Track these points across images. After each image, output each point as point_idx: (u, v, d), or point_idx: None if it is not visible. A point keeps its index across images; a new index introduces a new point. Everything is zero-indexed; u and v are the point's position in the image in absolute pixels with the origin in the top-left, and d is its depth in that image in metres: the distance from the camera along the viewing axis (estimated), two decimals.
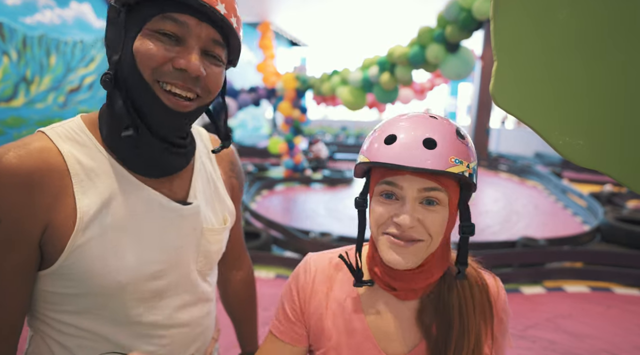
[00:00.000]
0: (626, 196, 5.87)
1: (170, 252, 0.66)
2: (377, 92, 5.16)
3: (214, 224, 0.74)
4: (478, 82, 10.30)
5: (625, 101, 0.52)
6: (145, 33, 0.56)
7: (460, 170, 0.56)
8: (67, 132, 0.60)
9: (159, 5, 0.56)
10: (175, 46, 0.57)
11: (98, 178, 0.60)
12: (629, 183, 0.55)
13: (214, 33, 0.60)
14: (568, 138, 0.55)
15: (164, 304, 0.67)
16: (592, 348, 2.47)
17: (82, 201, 0.58)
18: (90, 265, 0.58)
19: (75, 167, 0.58)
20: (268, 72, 8.15)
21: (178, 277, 0.68)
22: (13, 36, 4.59)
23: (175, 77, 0.57)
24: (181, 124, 0.63)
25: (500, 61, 0.56)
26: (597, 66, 0.52)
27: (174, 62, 0.57)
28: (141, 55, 0.56)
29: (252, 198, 5.87)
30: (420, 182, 0.56)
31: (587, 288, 3.31)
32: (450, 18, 3.87)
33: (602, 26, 0.51)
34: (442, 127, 0.58)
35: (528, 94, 0.56)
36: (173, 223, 0.67)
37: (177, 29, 0.56)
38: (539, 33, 0.54)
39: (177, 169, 0.67)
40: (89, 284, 0.59)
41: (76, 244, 0.57)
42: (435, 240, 0.59)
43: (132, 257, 0.62)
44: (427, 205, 0.58)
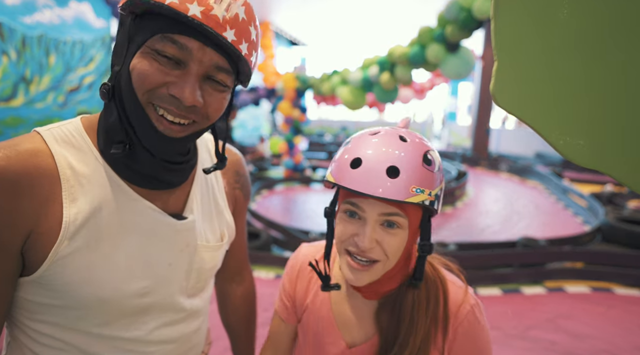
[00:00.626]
0: (627, 196, 5.86)
1: (160, 269, 0.63)
2: (377, 92, 5.16)
3: (210, 241, 0.70)
4: (478, 81, 10.30)
5: (625, 101, 0.52)
6: (145, 51, 0.53)
7: (420, 199, 0.59)
8: (64, 134, 0.57)
9: (162, 23, 0.52)
10: (174, 69, 0.53)
11: (90, 185, 0.56)
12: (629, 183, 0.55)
13: (218, 58, 0.55)
14: (568, 138, 0.55)
15: (147, 320, 0.63)
16: (593, 348, 2.46)
17: (70, 209, 0.54)
18: (72, 277, 0.55)
19: (66, 171, 0.55)
20: (268, 72, 8.16)
21: (165, 296, 0.64)
22: (12, 36, 4.59)
23: (169, 102, 0.54)
24: (173, 148, 0.59)
25: (500, 61, 0.55)
26: (597, 66, 0.52)
27: (169, 88, 0.53)
28: (137, 75, 0.53)
29: (252, 198, 5.87)
30: (382, 207, 0.60)
31: (588, 288, 3.30)
32: (450, 18, 3.87)
33: (602, 26, 0.51)
34: (409, 153, 0.60)
35: (528, 93, 0.56)
36: (165, 238, 0.63)
37: (177, 52, 0.52)
38: (539, 33, 0.53)
39: (175, 184, 0.64)
40: (70, 296, 0.56)
41: (59, 254, 0.54)
42: (392, 260, 0.63)
43: (118, 272, 0.58)
44: (387, 228, 0.61)
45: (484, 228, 4.95)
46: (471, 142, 10.58)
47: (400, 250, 0.63)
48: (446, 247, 3.51)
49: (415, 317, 0.65)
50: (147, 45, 0.53)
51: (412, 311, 0.66)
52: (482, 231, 4.82)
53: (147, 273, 0.61)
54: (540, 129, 0.57)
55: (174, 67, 0.53)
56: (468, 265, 3.40)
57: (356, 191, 0.58)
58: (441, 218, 5.41)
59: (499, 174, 8.77)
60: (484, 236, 4.59)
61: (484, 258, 3.43)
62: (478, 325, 0.67)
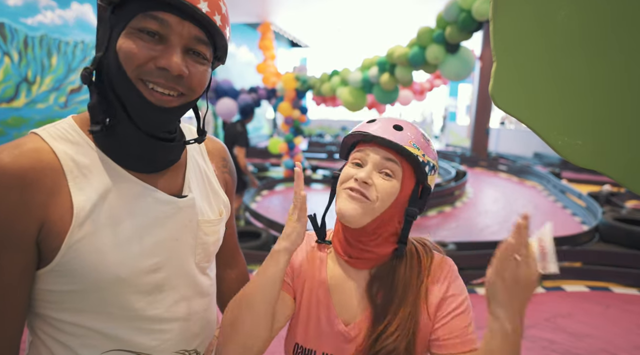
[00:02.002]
0: (625, 196, 5.88)
1: (167, 244, 0.67)
2: (376, 93, 5.16)
3: (210, 216, 0.75)
4: (477, 82, 10.31)
5: (626, 101, 0.53)
6: (129, 32, 0.57)
7: (416, 153, 0.71)
8: (59, 131, 0.61)
9: (142, 4, 0.57)
10: (157, 44, 0.58)
11: (92, 174, 0.60)
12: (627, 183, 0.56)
13: (196, 31, 0.60)
14: (567, 138, 0.56)
15: (163, 297, 0.67)
16: (591, 347, 2.48)
17: (78, 197, 0.58)
18: (88, 260, 0.58)
19: (69, 164, 0.59)
20: (268, 72, 8.16)
21: (176, 270, 0.69)
22: (14, 37, 4.60)
23: (157, 75, 0.58)
24: (166, 119, 0.64)
25: (499, 62, 0.57)
26: (599, 66, 0.53)
27: (156, 62, 0.57)
28: (124, 54, 0.57)
29: (252, 198, 5.88)
30: (384, 153, 0.71)
31: (586, 288, 3.32)
32: (449, 19, 3.88)
33: (604, 26, 0.52)
34: (410, 126, 0.75)
35: (527, 94, 0.57)
36: (169, 216, 0.67)
37: (159, 27, 0.57)
38: (538, 34, 0.55)
39: (169, 163, 0.69)
40: (88, 279, 0.59)
41: (73, 239, 0.57)
42: (380, 204, 0.70)
43: (129, 250, 0.62)
44: (383, 175, 0.71)
45: (483, 228, 4.96)
46: (470, 142, 10.59)
47: (389, 199, 0.71)
48: (445, 247, 3.52)
49: (407, 288, 0.72)
50: (130, 26, 0.57)
51: (404, 283, 0.72)
52: (481, 231, 4.84)
53: (156, 250, 0.65)
54: (539, 129, 0.58)
55: (157, 43, 0.58)
56: (467, 265, 3.41)
57: (370, 134, 0.71)
58: (441, 218, 5.43)
59: (497, 174, 8.79)
60: (483, 236, 4.61)
61: (483, 258, 3.44)
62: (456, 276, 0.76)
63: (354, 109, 5.64)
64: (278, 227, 4.13)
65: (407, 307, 0.70)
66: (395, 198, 0.71)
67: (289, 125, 7.40)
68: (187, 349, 0.72)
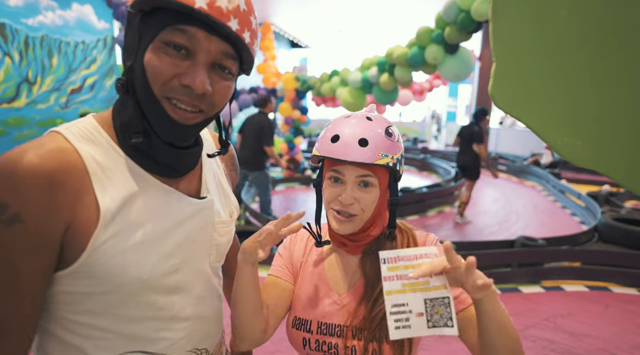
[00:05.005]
0: (624, 196, 5.89)
1: (185, 246, 0.68)
2: (376, 93, 5.17)
3: (223, 217, 0.77)
4: (477, 82, 10.32)
5: (625, 102, 0.53)
6: (156, 45, 0.57)
7: (386, 161, 0.75)
8: (82, 131, 0.60)
9: (171, 16, 0.56)
10: (183, 60, 0.57)
11: (115, 176, 0.60)
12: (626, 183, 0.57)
13: (224, 46, 0.59)
14: (566, 138, 0.56)
15: (180, 298, 0.68)
16: (591, 347, 2.48)
17: (104, 198, 0.58)
18: (112, 262, 0.58)
19: (93, 165, 0.58)
20: (268, 72, 8.16)
21: (193, 271, 0.70)
22: (15, 37, 4.60)
23: (182, 93, 0.58)
24: (187, 135, 0.64)
25: (498, 62, 0.57)
26: (598, 66, 0.53)
27: (180, 79, 0.57)
28: (151, 70, 0.57)
29: (252, 198, 5.88)
30: (357, 171, 0.76)
31: (586, 287, 3.33)
32: (449, 19, 3.89)
33: (603, 26, 0.52)
34: (374, 128, 0.77)
35: (527, 94, 0.57)
36: (189, 217, 0.68)
37: (186, 42, 0.56)
38: (537, 34, 0.55)
39: (189, 169, 0.69)
40: (111, 281, 0.59)
41: (99, 241, 0.57)
42: (367, 212, 0.78)
43: (152, 253, 0.62)
44: (363, 187, 0.77)
45: (482, 228, 4.97)
46: None
47: (373, 205, 0.78)
48: None
49: None
50: (158, 40, 0.56)
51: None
52: (481, 231, 4.84)
53: (176, 251, 0.66)
54: (539, 129, 0.59)
55: (183, 58, 0.57)
56: None
57: (337, 159, 0.75)
58: (441, 218, 5.43)
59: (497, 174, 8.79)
60: (483, 236, 4.61)
61: (483, 258, 3.45)
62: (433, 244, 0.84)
63: (353, 109, 5.64)
64: None
65: None
66: (378, 200, 0.79)
67: (289, 125, 7.40)
68: (198, 347, 0.73)
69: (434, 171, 8.60)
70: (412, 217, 5.36)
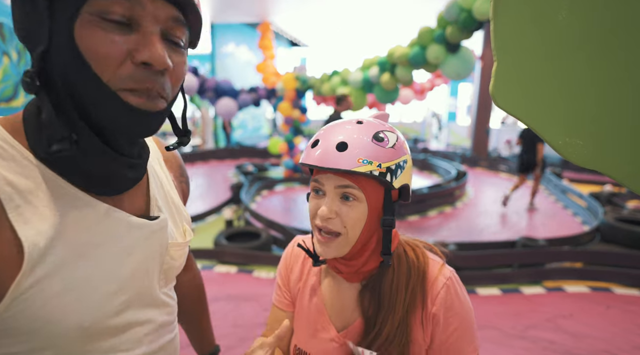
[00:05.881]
0: (626, 196, 5.87)
1: (137, 277, 0.56)
2: (377, 93, 5.17)
3: (177, 239, 0.65)
4: (478, 82, 10.31)
5: (627, 101, 0.52)
6: (87, 19, 0.43)
7: (368, 169, 0.63)
8: None
9: None
10: (129, 34, 0.45)
11: (39, 200, 0.46)
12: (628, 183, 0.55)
13: (172, 10, 0.48)
14: (568, 138, 0.55)
15: (128, 337, 0.56)
16: (592, 348, 2.47)
17: (26, 232, 0.44)
18: (42, 311, 0.45)
19: (5, 189, 0.44)
20: (268, 72, 8.16)
21: (144, 304, 0.58)
22: (13, 37, 4.59)
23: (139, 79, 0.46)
24: (152, 126, 0.50)
25: (500, 61, 0.56)
26: (600, 66, 0.52)
27: (133, 56, 0.45)
28: (92, 55, 0.43)
29: (252, 198, 5.88)
30: (337, 180, 0.65)
31: (587, 288, 3.31)
32: (450, 18, 3.88)
33: (605, 26, 0.51)
34: (361, 132, 0.66)
35: (528, 94, 0.56)
36: (140, 243, 0.56)
37: (127, 10, 0.44)
38: (539, 33, 0.54)
39: (135, 182, 0.55)
40: (39, 335, 0.46)
41: (22, 287, 0.44)
42: (352, 233, 0.67)
43: (97, 291, 0.50)
44: (345, 200, 0.66)
45: (483, 228, 4.96)
46: (471, 142, 10.59)
47: (359, 224, 0.67)
48: (446, 247, 3.52)
49: (394, 296, 0.69)
50: (87, 11, 0.43)
51: (390, 290, 0.70)
52: (482, 231, 4.84)
53: (126, 285, 0.54)
54: (539, 129, 0.58)
55: (128, 31, 0.45)
56: (468, 265, 3.41)
57: (313, 165, 0.65)
58: (441, 218, 5.42)
59: (498, 174, 8.78)
60: (484, 236, 4.60)
61: (484, 258, 3.44)
62: (455, 295, 0.70)
63: (354, 109, 5.64)
64: (278, 228, 4.13)
65: (397, 316, 0.68)
66: (367, 218, 0.67)
67: (289, 125, 7.40)
68: None
69: (434, 171, 8.60)
70: (413, 217, 5.36)
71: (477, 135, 10.24)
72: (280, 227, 4.09)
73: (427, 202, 5.66)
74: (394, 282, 0.70)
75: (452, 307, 0.69)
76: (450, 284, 0.70)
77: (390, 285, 0.70)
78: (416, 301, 0.70)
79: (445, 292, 0.69)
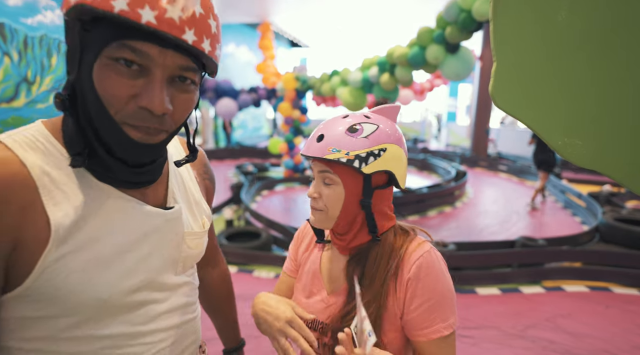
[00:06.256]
0: (625, 196, 5.88)
1: (152, 260, 0.63)
2: (376, 93, 5.17)
3: (194, 228, 0.72)
4: (477, 82, 10.31)
5: (626, 101, 0.53)
6: (104, 62, 0.50)
7: (336, 156, 0.73)
8: (29, 140, 0.53)
9: (116, 30, 0.49)
10: (137, 78, 0.51)
11: (69, 189, 0.54)
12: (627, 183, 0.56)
13: (182, 60, 0.53)
14: (567, 138, 0.56)
15: (144, 312, 0.63)
16: (591, 347, 2.48)
17: (55, 213, 0.52)
18: (66, 282, 0.53)
19: (42, 178, 0.52)
20: (268, 72, 8.17)
21: (160, 285, 0.65)
22: (14, 37, 4.60)
23: (140, 118, 0.52)
24: (152, 154, 0.58)
25: (499, 62, 0.57)
26: (599, 66, 0.53)
27: (137, 101, 0.51)
28: (103, 92, 0.51)
29: (252, 198, 5.88)
30: (319, 166, 0.77)
31: (586, 288, 3.32)
32: (449, 19, 3.89)
33: (604, 26, 0.52)
34: (337, 124, 0.77)
35: (527, 94, 0.57)
36: (155, 230, 0.63)
37: (136, 58, 0.50)
38: (539, 33, 0.54)
39: (151, 181, 0.63)
40: (64, 303, 0.54)
41: (49, 260, 0.52)
42: (331, 211, 0.78)
43: (113, 271, 0.57)
44: (326, 184, 0.78)
45: (483, 228, 4.96)
46: (470, 143, 10.59)
47: (337, 203, 0.77)
48: (446, 247, 3.52)
49: (377, 266, 0.79)
50: (105, 55, 0.50)
51: (374, 262, 0.79)
52: (481, 231, 4.84)
53: (140, 266, 0.61)
54: (539, 129, 0.58)
55: (137, 76, 0.51)
56: (467, 265, 3.42)
57: (302, 154, 0.79)
58: (441, 218, 5.43)
59: (497, 174, 8.79)
60: (483, 236, 4.60)
61: (483, 258, 3.44)
62: (431, 268, 0.76)
63: (353, 108, 5.64)
64: (278, 227, 4.14)
65: (376, 283, 0.77)
66: (344, 199, 0.77)
67: (289, 125, 7.40)
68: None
69: (434, 171, 8.60)
70: (413, 217, 5.36)
71: (476, 135, 10.25)
72: (281, 227, 4.09)
73: (426, 202, 5.66)
74: (378, 255, 0.79)
75: (425, 278, 0.75)
76: (427, 256, 0.77)
77: (375, 257, 0.79)
78: (393, 271, 0.78)
79: (420, 263, 0.76)
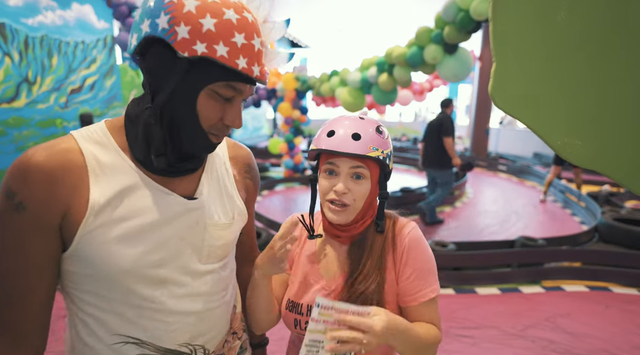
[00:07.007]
0: (624, 196, 5.89)
1: (172, 243, 0.73)
2: (375, 93, 5.16)
3: (219, 220, 0.80)
4: (477, 82, 10.32)
5: (625, 102, 0.53)
6: (208, 93, 0.66)
7: (376, 154, 0.83)
8: (91, 134, 0.70)
9: (224, 72, 0.64)
10: (226, 104, 0.69)
11: (112, 173, 0.68)
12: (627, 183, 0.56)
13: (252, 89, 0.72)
14: (567, 138, 0.56)
15: (167, 292, 0.73)
16: (591, 347, 2.48)
17: (95, 192, 0.66)
18: (98, 250, 0.66)
19: (92, 163, 0.67)
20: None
21: (180, 268, 0.75)
22: (15, 37, 4.59)
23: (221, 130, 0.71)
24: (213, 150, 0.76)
25: (499, 62, 0.57)
26: (598, 66, 0.53)
27: (224, 119, 0.69)
28: (204, 113, 0.67)
29: None
30: (351, 162, 0.83)
31: (586, 288, 3.33)
32: (448, 18, 3.88)
33: (604, 26, 0.52)
34: (366, 126, 0.85)
35: (527, 94, 0.57)
36: (177, 216, 0.73)
37: (234, 93, 0.68)
38: (538, 34, 0.55)
39: (191, 171, 0.76)
40: (98, 267, 0.67)
41: (86, 230, 0.65)
42: (358, 203, 0.85)
43: (135, 246, 0.69)
44: (356, 179, 0.84)
45: (482, 228, 4.97)
46: (470, 143, 10.60)
47: (364, 197, 0.85)
48: (445, 247, 3.52)
49: (374, 245, 0.88)
50: (210, 88, 0.66)
51: (373, 241, 0.89)
52: (481, 231, 4.84)
53: (161, 247, 0.72)
54: (539, 129, 0.58)
55: (226, 103, 0.69)
56: (467, 264, 3.42)
57: (333, 151, 0.82)
58: (440, 217, 5.43)
59: (497, 174, 8.79)
60: (483, 236, 4.61)
61: (483, 258, 3.45)
62: (420, 239, 0.89)
63: (353, 109, 5.64)
64: (278, 227, 4.14)
65: (374, 259, 0.86)
66: (370, 193, 0.86)
67: (289, 125, 7.40)
68: (191, 343, 0.77)
69: None
70: (413, 217, 5.36)
71: (476, 136, 10.25)
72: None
73: None
74: (375, 236, 0.89)
75: (416, 249, 0.87)
76: (415, 231, 0.89)
77: (373, 237, 0.89)
78: (389, 243, 0.89)
79: (411, 236, 0.88)
